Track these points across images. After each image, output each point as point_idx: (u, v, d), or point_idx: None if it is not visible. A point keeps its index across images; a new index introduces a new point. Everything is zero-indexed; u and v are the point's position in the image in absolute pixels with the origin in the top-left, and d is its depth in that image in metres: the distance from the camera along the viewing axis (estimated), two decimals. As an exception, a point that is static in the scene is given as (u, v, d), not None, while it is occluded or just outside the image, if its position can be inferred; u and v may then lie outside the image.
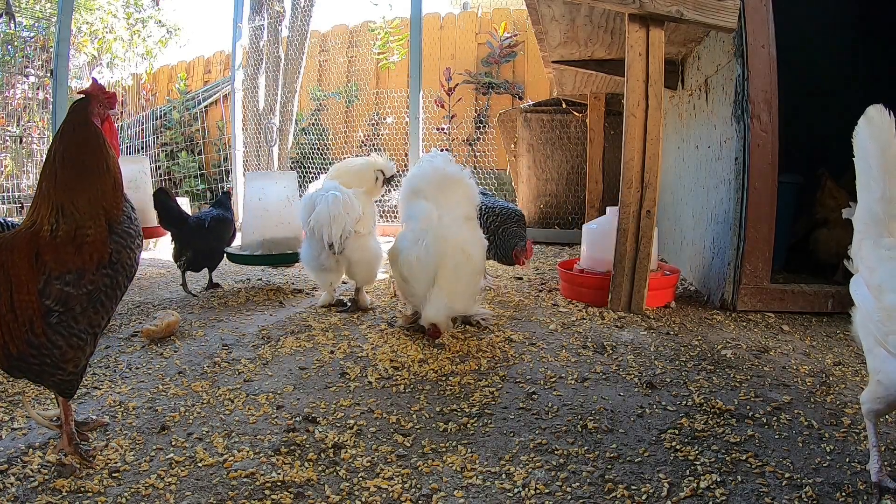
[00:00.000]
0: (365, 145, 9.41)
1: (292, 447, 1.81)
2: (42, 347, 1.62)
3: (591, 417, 2.02)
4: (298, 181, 4.57)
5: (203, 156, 9.87)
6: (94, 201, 1.71)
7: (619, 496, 1.56)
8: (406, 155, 7.24)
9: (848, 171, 4.49)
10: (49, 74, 6.98)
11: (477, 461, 1.75)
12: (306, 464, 1.73)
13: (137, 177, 4.58)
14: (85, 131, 1.76)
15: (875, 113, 1.57)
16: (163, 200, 3.72)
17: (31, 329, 1.60)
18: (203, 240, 3.78)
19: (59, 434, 1.75)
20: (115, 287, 1.73)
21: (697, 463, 1.71)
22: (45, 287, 1.61)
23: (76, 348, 1.67)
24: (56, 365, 1.65)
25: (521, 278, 4.41)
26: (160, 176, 9.55)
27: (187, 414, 2.03)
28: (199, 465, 1.70)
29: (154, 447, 1.80)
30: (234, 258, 4.03)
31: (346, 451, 1.79)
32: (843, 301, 3.39)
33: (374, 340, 2.82)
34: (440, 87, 8.53)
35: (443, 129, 8.53)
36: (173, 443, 1.83)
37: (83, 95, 1.79)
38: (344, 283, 3.67)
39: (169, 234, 3.89)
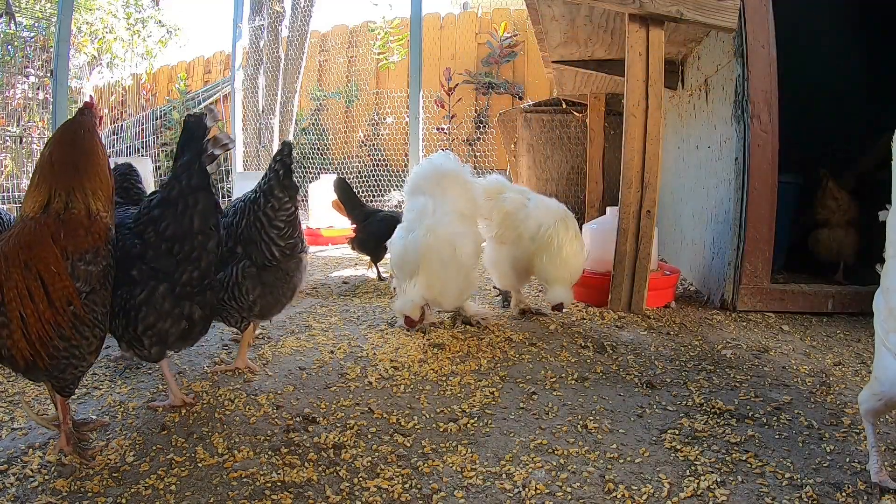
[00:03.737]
0: (365, 145, 9.41)
1: (292, 447, 1.81)
2: (72, 338, 1.66)
3: (591, 417, 2.02)
4: (298, 181, 4.61)
5: (203, 156, 9.85)
6: (94, 185, 1.77)
7: (619, 496, 1.56)
8: (406, 155, 7.24)
9: (848, 171, 4.46)
10: (49, 74, 6.97)
11: (477, 461, 1.75)
12: (306, 464, 1.72)
13: (147, 176, 4.67)
14: (77, 123, 1.82)
15: None
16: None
17: (71, 310, 1.65)
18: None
19: (59, 434, 1.75)
20: (115, 264, 1.81)
21: (698, 463, 1.71)
22: (73, 271, 1.67)
23: (98, 337, 1.74)
24: (82, 356, 1.70)
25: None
26: (160, 176, 9.54)
27: (187, 414, 2.03)
28: (199, 465, 1.70)
29: (154, 447, 1.80)
30: None
31: (346, 451, 1.79)
32: (843, 301, 3.39)
33: (374, 340, 2.82)
34: (440, 87, 8.54)
35: (443, 129, 8.53)
36: (173, 443, 1.83)
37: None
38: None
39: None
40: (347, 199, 4.41)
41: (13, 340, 1.59)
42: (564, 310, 3.14)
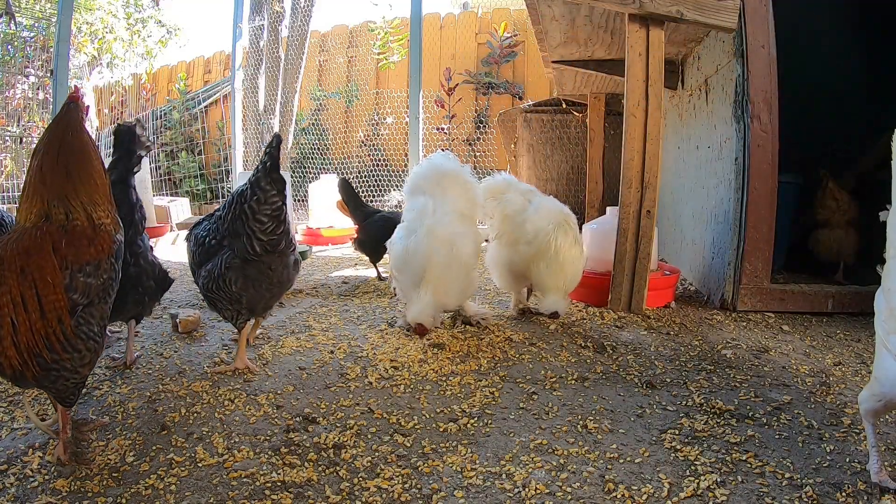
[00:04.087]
0: (365, 145, 9.41)
1: (292, 447, 1.81)
2: (63, 351, 1.61)
3: (591, 417, 2.02)
4: (298, 181, 4.62)
5: (203, 156, 9.87)
6: (91, 189, 1.74)
7: (619, 496, 1.56)
8: (406, 155, 7.24)
9: (848, 171, 4.46)
10: (49, 74, 6.97)
11: (477, 461, 1.75)
12: (306, 464, 1.72)
13: (145, 177, 4.66)
14: (69, 119, 1.78)
15: None
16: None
17: (60, 327, 1.60)
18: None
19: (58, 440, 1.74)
20: (117, 277, 1.78)
21: (698, 463, 1.71)
22: (70, 282, 1.63)
23: (93, 350, 1.68)
24: (74, 369, 1.64)
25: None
26: (160, 176, 9.55)
27: (187, 414, 2.03)
28: (199, 465, 1.70)
29: (154, 447, 1.80)
30: None
31: (346, 451, 1.79)
32: (843, 301, 3.39)
33: (374, 340, 2.82)
34: (440, 87, 8.54)
35: (443, 129, 8.54)
36: (173, 443, 1.83)
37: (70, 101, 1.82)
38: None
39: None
40: (350, 199, 4.42)
41: (2, 347, 1.53)
42: (560, 317, 3.13)
